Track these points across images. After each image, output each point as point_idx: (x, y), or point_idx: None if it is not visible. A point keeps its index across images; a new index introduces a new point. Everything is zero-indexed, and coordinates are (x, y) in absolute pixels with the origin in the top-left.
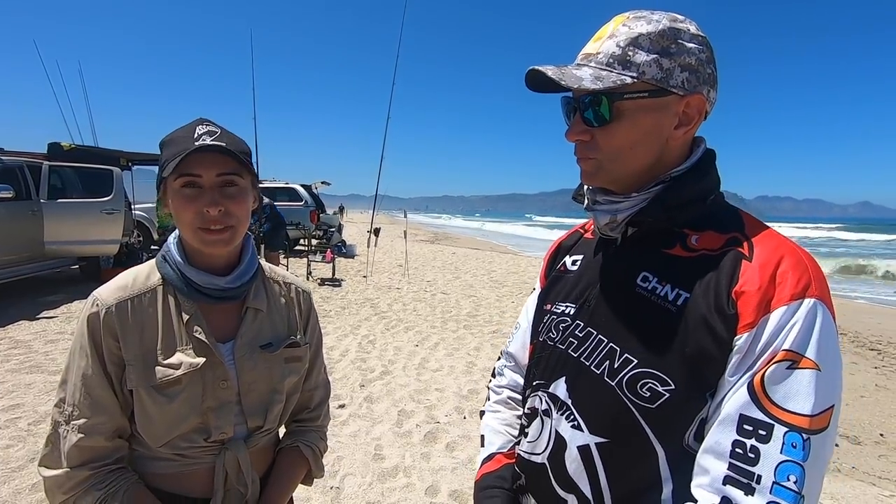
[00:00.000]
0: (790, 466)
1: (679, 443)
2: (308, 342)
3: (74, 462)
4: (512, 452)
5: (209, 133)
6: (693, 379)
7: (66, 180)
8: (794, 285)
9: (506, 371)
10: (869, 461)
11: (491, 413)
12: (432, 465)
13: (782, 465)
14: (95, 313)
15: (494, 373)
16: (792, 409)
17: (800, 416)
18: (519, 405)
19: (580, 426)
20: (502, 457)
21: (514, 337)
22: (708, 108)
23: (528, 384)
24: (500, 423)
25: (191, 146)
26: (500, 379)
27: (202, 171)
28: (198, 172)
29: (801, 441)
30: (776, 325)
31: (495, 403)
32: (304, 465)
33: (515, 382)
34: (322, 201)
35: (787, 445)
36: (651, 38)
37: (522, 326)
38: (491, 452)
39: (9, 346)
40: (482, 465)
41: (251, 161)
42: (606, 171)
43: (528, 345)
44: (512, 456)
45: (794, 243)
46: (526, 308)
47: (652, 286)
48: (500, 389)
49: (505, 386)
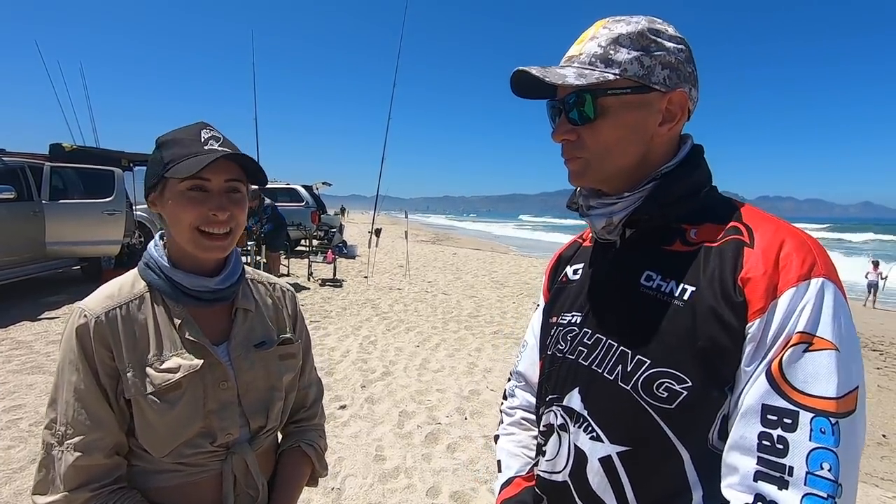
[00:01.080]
0: (822, 453)
1: (703, 443)
2: (299, 339)
3: (72, 484)
4: (531, 475)
5: (215, 139)
6: (709, 373)
7: (68, 181)
8: (800, 266)
9: (517, 391)
10: (872, 462)
11: (505, 436)
12: (433, 466)
13: (814, 452)
14: (84, 324)
15: (506, 394)
16: (815, 392)
17: (825, 400)
18: (533, 425)
19: (599, 437)
20: (521, 480)
21: (522, 356)
22: (690, 106)
23: (540, 401)
24: (516, 445)
25: (200, 151)
26: (511, 400)
27: (212, 175)
28: (207, 177)
29: (830, 426)
30: (787, 308)
31: (509, 426)
32: (308, 464)
33: (528, 402)
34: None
35: (815, 432)
36: (631, 37)
37: (530, 344)
38: (509, 477)
39: (10, 346)
40: (501, 491)
41: (259, 171)
42: (594, 170)
43: (537, 362)
44: (531, 478)
45: (793, 225)
46: (531, 325)
47: (656, 284)
48: (512, 411)
49: (518, 407)
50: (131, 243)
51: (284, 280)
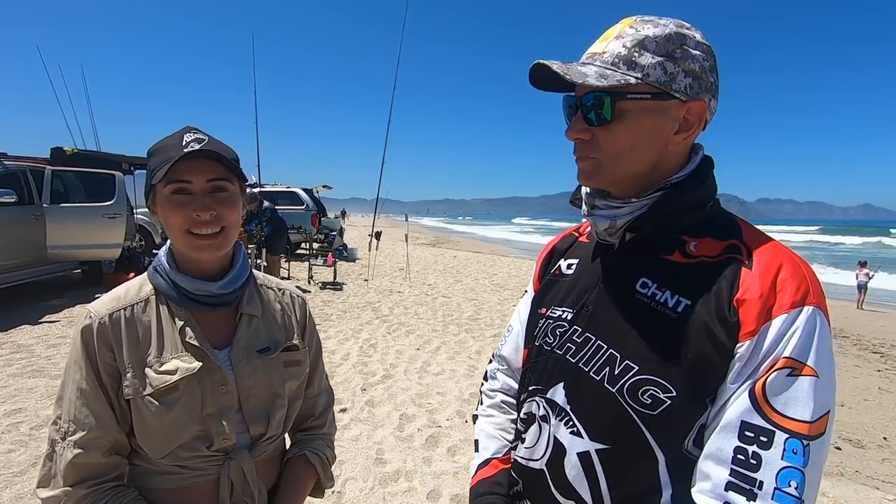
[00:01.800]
0: (791, 472)
1: (679, 448)
2: (307, 346)
3: (71, 480)
4: (508, 457)
5: (196, 140)
6: (694, 385)
7: (69, 185)
8: (794, 293)
9: (498, 374)
10: (872, 465)
11: (485, 417)
12: (434, 470)
13: (783, 470)
14: (89, 325)
15: (487, 376)
16: (792, 415)
17: (800, 423)
18: (513, 409)
19: (580, 433)
20: (498, 462)
21: (506, 340)
22: (708, 116)
23: (523, 389)
24: (495, 427)
25: (180, 154)
26: (492, 382)
27: (192, 177)
28: (188, 178)
29: (802, 447)
30: (777, 333)
31: (489, 408)
32: (312, 473)
33: (509, 386)
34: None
35: (788, 452)
36: (657, 41)
37: (515, 329)
38: (486, 458)
39: (11, 350)
40: (477, 471)
41: (240, 167)
42: (605, 172)
43: (521, 348)
44: (508, 461)
45: (790, 250)
46: (518, 311)
47: (651, 292)
48: (493, 393)
49: (498, 390)
50: (132, 247)
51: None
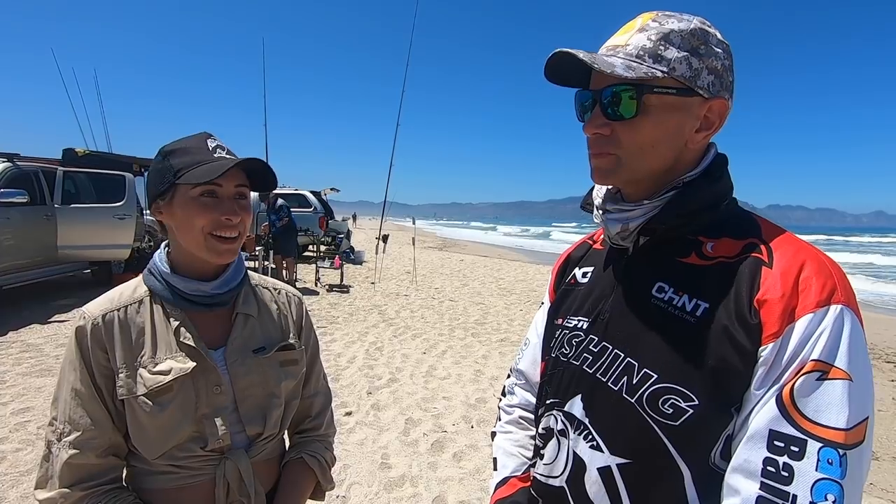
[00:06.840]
0: (828, 484)
1: (705, 462)
2: (304, 346)
3: (67, 481)
4: (527, 475)
5: (220, 147)
6: (717, 393)
7: (80, 186)
8: (819, 292)
9: (516, 389)
10: (887, 478)
11: (503, 434)
12: (439, 475)
13: (819, 483)
14: (82, 326)
15: (504, 391)
16: (825, 422)
17: (834, 431)
18: (531, 425)
19: (600, 447)
20: (517, 480)
21: (523, 353)
22: (726, 115)
23: (541, 403)
24: (513, 444)
25: (211, 158)
26: (510, 398)
27: (223, 181)
28: (220, 182)
29: (838, 457)
30: (803, 335)
31: (507, 424)
32: (311, 476)
33: (527, 401)
34: (331, 207)
35: (822, 462)
36: (682, 35)
37: (532, 342)
38: (505, 476)
39: (21, 349)
40: (496, 490)
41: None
42: (625, 169)
43: (539, 361)
44: (527, 479)
45: (814, 247)
46: (535, 323)
47: (668, 297)
48: (511, 409)
49: (516, 405)
50: (141, 247)
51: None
